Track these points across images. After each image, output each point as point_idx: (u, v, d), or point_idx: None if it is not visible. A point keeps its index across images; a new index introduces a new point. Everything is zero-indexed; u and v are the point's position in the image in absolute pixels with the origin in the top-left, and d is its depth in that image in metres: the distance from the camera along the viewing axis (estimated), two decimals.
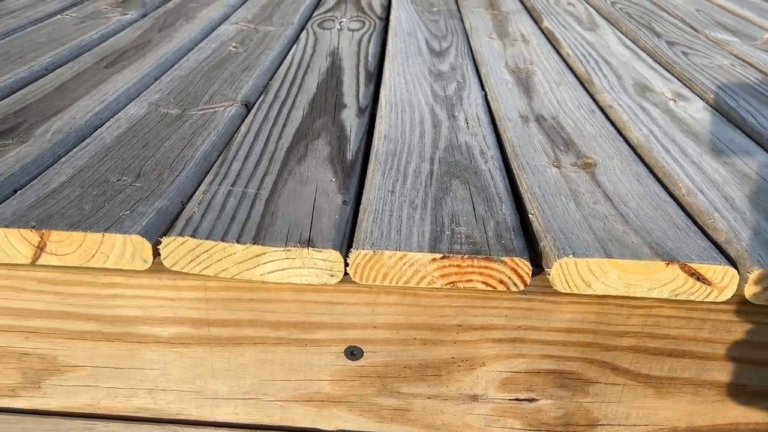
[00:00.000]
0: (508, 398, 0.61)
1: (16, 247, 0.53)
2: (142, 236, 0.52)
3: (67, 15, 1.27)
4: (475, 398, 0.61)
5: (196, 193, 0.61)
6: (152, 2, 1.41)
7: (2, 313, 0.58)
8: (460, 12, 1.47)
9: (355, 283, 0.54)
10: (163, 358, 0.60)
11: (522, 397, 0.61)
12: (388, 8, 1.49)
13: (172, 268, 0.54)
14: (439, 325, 0.58)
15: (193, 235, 0.53)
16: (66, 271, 0.56)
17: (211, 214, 0.57)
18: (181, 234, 0.53)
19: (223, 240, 0.53)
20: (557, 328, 0.57)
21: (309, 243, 0.53)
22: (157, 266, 0.55)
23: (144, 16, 1.32)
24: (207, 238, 0.53)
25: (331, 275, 0.53)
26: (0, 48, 1.04)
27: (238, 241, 0.53)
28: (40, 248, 0.53)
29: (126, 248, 0.53)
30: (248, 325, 0.58)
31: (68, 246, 0.53)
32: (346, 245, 0.55)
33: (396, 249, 0.53)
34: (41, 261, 0.54)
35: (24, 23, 1.20)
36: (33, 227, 0.53)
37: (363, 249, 0.52)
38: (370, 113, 0.86)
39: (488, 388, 0.61)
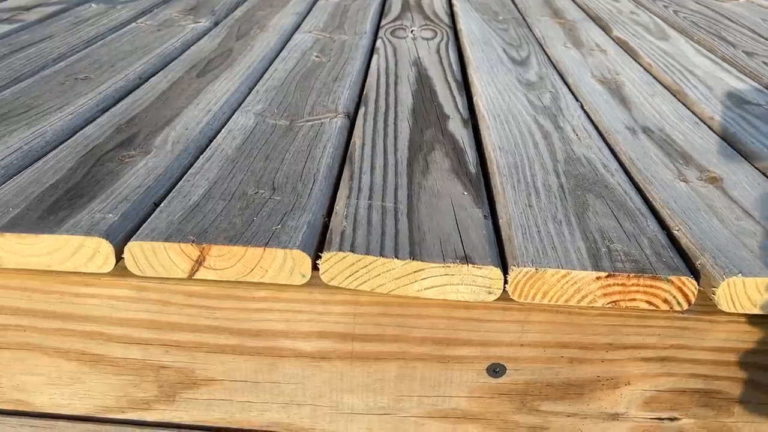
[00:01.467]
0: (650, 417, 0.60)
1: (174, 261, 0.53)
2: (302, 251, 0.52)
3: (141, 23, 1.28)
4: (615, 417, 0.60)
5: (337, 207, 0.61)
6: (221, 10, 1.41)
7: (146, 326, 0.58)
8: (525, 20, 1.46)
9: (508, 300, 0.54)
10: (302, 372, 0.60)
11: (664, 416, 0.60)
12: (452, 16, 1.49)
13: (329, 283, 0.53)
14: (588, 343, 0.57)
15: (352, 250, 0.52)
16: (216, 286, 0.56)
17: (361, 229, 0.56)
18: (340, 249, 0.53)
19: (381, 255, 0.52)
20: (710, 348, 0.56)
21: (467, 259, 0.53)
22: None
23: (216, 24, 1.32)
24: (366, 254, 0.52)
25: (489, 292, 0.53)
26: (89, 56, 1.04)
27: (396, 257, 0.52)
28: (199, 262, 0.53)
29: (286, 263, 0.52)
30: (392, 340, 0.58)
31: (227, 260, 0.53)
32: (500, 261, 0.54)
33: (558, 267, 0.52)
34: (198, 275, 0.53)
35: (103, 31, 1.21)
36: (193, 241, 0.52)
37: (524, 266, 0.52)
38: (472, 123, 0.85)
39: (630, 407, 0.60)
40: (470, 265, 0.52)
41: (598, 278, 0.52)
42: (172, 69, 1.00)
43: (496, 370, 0.59)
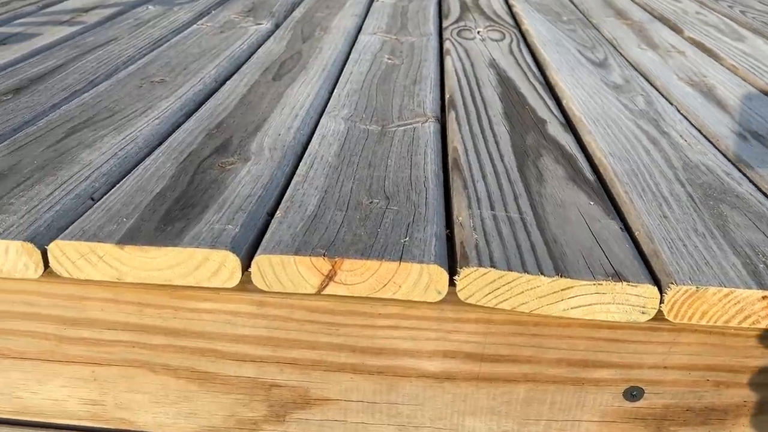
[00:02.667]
0: None
1: (303, 276, 0.49)
2: (440, 266, 0.49)
3: (202, 25, 1.26)
4: None
5: (459, 218, 0.57)
6: (279, 12, 1.39)
7: (263, 343, 0.55)
8: (590, 21, 1.42)
9: (657, 320, 0.50)
10: (422, 393, 0.56)
11: None
12: (513, 17, 1.45)
13: (466, 301, 0.50)
14: (738, 366, 0.53)
15: (493, 266, 0.49)
16: (341, 301, 0.52)
17: (494, 242, 0.53)
18: (479, 264, 0.49)
19: (525, 272, 0.49)
20: None
21: (618, 276, 0.49)
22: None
23: (277, 26, 1.29)
24: (507, 269, 0.49)
25: (643, 312, 0.49)
26: (158, 59, 1.02)
27: (542, 273, 0.48)
28: (329, 277, 0.49)
29: (421, 278, 0.49)
30: (525, 361, 0.54)
31: (360, 275, 0.49)
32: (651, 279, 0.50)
33: (720, 285, 0.48)
34: (327, 291, 0.50)
35: (166, 33, 1.19)
36: (324, 255, 0.49)
37: (683, 285, 0.48)
38: (570, 128, 0.81)
39: None
40: (624, 282, 0.48)
41: (763, 297, 0.48)
42: (246, 72, 0.97)
43: (633, 394, 0.55)
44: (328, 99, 0.89)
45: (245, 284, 0.52)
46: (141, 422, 0.60)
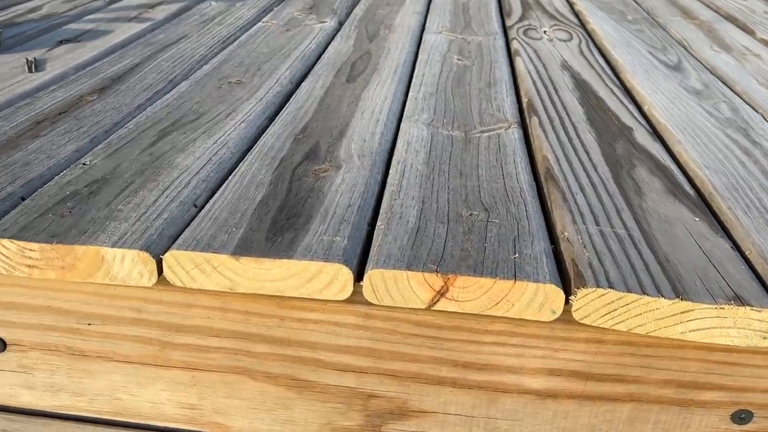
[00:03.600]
0: None
1: (414, 291, 0.49)
2: (556, 285, 0.48)
3: (267, 22, 1.26)
4: None
5: (565, 233, 0.56)
6: (340, 9, 1.38)
7: (365, 354, 0.55)
8: (656, 21, 1.39)
9: None
10: (523, 409, 0.56)
11: None
12: (576, 15, 1.42)
13: (581, 321, 0.49)
14: None
15: (611, 286, 0.48)
16: (448, 316, 0.52)
17: (607, 260, 0.52)
18: (597, 284, 0.48)
19: (644, 293, 0.48)
20: None
21: (739, 300, 0.47)
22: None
23: (341, 24, 1.29)
24: (625, 290, 0.48)
25: (764, 338, 0.47)
26: (231, 58, 1.02)
27: (661, 295, 0.47)
28: (441, 293, 0.49)
29: (536, 298, 0.48)
30: (632, 381, 0.53)
31: (472, 292, 0.49)
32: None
33: None
34: (437, 306, 0.50)
35: (233, 31, 1.19)
36: (436, 271, 0.49)
37: None
38: (657, 136, 0.79)
39: None
40: (747, 307, 0.47)
41: None
42: (320, 74, 0.97)
43: (741, 417, 0.54)
44: (405, 102, 0.89)
45: (352, 296, 0.52)
46: (236, 427, 0.60)
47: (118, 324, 0.56)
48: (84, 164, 0.64)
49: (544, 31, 1.26)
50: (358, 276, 0.51)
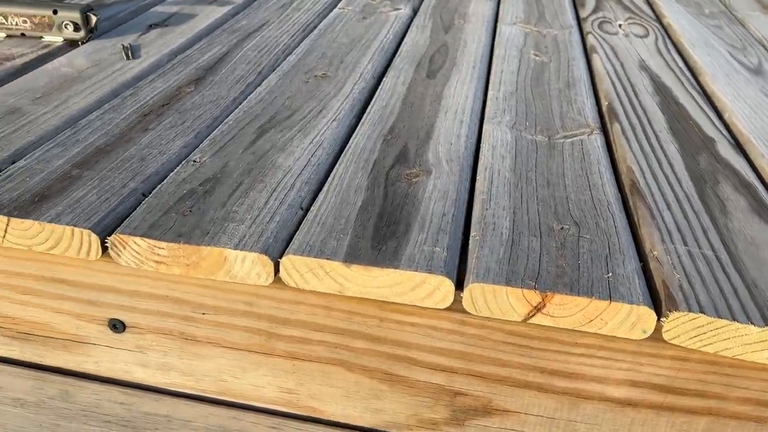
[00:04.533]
0: None
1: (512, 305, 0.53)
2: (648, 306, 0.51)
3: (343, 9, 1.28)
4: None
5: (654, 252, 0.59)
6: None
7: (456, 356, 0.59)
8: (735, 15, 1.36)
9: None
10: (602, 414, 0.59)
11: None
12: (651, 6, 1.40)
13: (670, 341, 0.52)
14: None
15: (702, 311, 0.50)
16: (540, 328, 0.55)
17: (696, 283, 0.54)
18: (688, 308, 0.51)
19: (734, 319, 0.50)
20: None
21: None
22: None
23: (415, 11, 1.30)
24: (715, 315, 0.50)
25: None
26: (313, 49, 1.05)
27: (751, 323, 0.50)
28: (537, 309, 0.52)
29: (629, 318, 0.51)
30: (712, 397, 0.56)
31: (568, 310, 0.52)
32: None
33: None
34: (533, 320, 0.53)
35: (311, 18, 1.22)
36: (534, 288, 0.52)
37: None
38: (740, 148, 0.80)
39: None
40: None
41: None
42: (400, 68, 1.00)
43: None
44: (485, 100, 0.91)
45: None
46: (329, 412, 0.65)
47: (229, 315, 0.61)
48: (195, 161, 0.69)
49: (620, 25, 1.25)
50: (456, 284, 0.54)
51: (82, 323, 0.65)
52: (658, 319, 0.51)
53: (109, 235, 0.57)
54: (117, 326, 0.65)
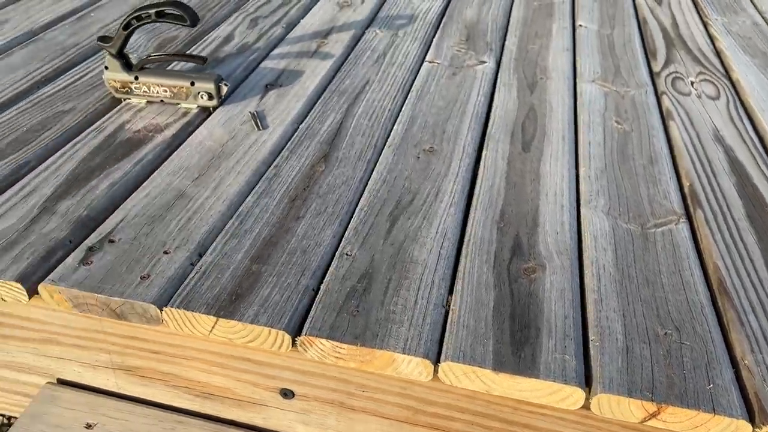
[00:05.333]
0: None
1: (632, 412, 0.65)
2: (746, 421, 0.63)
3: (433, 63, 1.39)
4: None
5: (746, 361, 0.71)
6: (493, 41, 1.49)
7: None
8: None
9: None
10: None
11: None
12: (718, 55, 1.48)
13: None
14: None
15: None
16: (652, 428, 0.68)
17: None
18: None
19: None
20: None
21: None
22: None
23: (498, 64, 1.40)
24: None
25: None
26: (416, 116, 1.17)
27: None
28: (653, 415, 0.65)
29: (729, 427, 0.63)
30: None
31: (678, 418, 0.64)
32: None
33: None
34: (647, 423, 0.66)
35: (406, 75, 1.33)
36: (651, 399, 0.64)
37: None
38: None
39: None
40: None
41: None
42: (497, 139, 1.11)
43: None
44: (577, 177, 1.02)
45: None
46: None
47: (385, 394, 0.75)
48: (347, 255, 0.82)
49: (692, 83, 1.34)
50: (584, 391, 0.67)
51: (258, 389, 0.80)
52: (753, 430, 0.64)
53: (298, 334, 0.71)
54: (287, 394, 0.79)
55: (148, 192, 0.92)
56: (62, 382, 0.90)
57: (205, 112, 1.14)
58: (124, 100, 1.15)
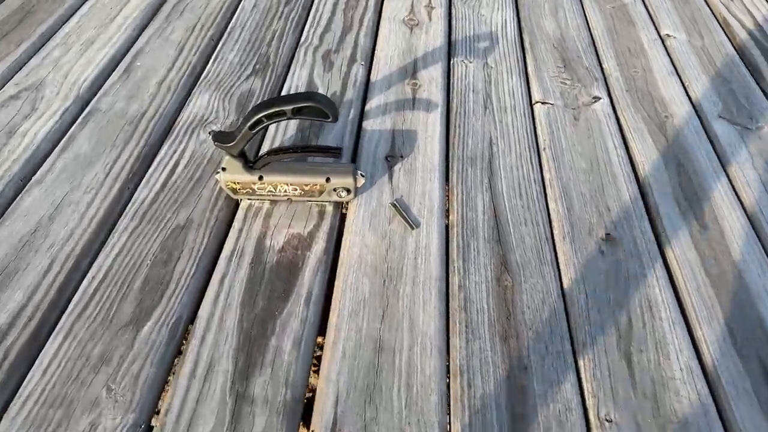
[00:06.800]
0: None
1: None
2: None
3: (542, 102, 1.26)
4: None
5: None
6: (591, 66, 1.36)
7: None
8: None
9: None
10: None
11: None
12: None
13: None
14: None
15: None
16: None
17: None
18: None
19: None
20: None
21: None
22: None
23: (610, 96, 1.28)
24: None
25: None
26: (567, 186, 1.05)
27: None
28: None
29: None
30: None
31: None
32: None
33: None
34: None
35: (526, 125, 1.20)
36: None
37: None
38: None
39: None
40: None
41: None
42: (664, 213, 1.01)
43: None
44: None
45: None
46: None
47: None
48: (608, 420, 0.72)
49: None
50: None
51: None
52: None
53: None
54: None
55: (343, 348, 0.78)
56: None
57: (339, 207, 0.99)
58: (241, 200, 0.98)
